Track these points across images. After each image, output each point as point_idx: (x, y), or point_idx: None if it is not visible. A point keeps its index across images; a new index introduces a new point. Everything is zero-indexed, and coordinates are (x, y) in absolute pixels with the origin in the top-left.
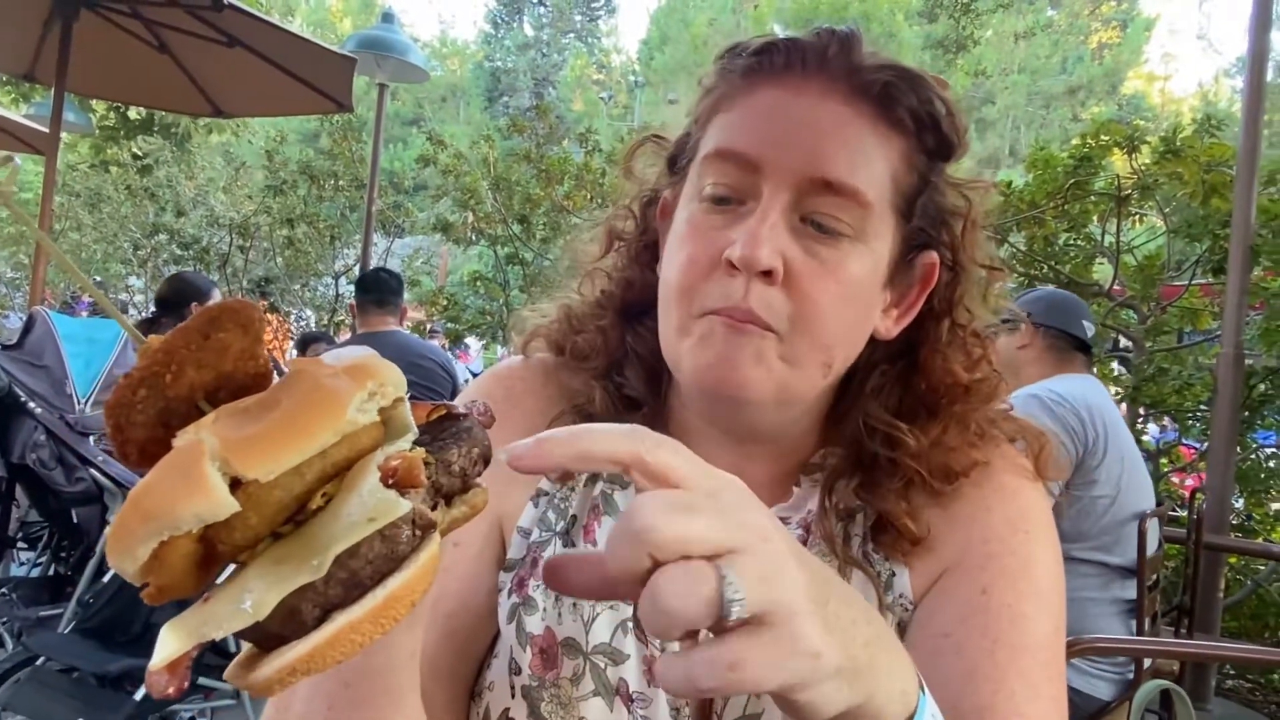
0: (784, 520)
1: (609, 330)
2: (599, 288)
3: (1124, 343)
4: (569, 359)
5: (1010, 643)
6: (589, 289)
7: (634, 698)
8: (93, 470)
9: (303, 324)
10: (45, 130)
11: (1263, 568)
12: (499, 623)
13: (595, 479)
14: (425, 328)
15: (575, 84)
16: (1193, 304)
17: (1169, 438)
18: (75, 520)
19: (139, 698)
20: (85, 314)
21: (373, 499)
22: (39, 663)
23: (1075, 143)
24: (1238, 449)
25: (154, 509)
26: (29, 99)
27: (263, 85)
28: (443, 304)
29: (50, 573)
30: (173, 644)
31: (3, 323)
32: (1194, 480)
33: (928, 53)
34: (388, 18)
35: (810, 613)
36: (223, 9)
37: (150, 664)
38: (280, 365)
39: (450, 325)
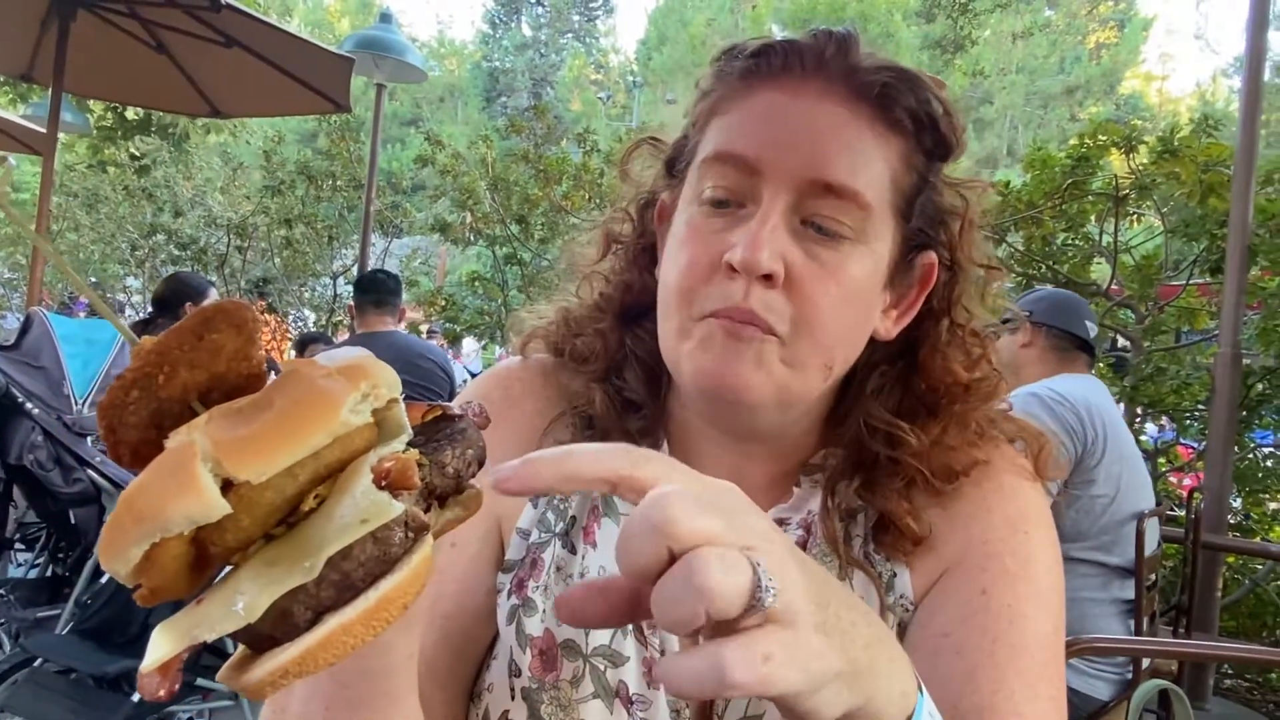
0: (784, 521)
1: (608, 333)
2: (597, 290)
3: (1122, 342)
4: (568, 361)
5: (1009, 643)
6: (587, 291)
7: (634, 700)
8: (90, 471)
9: (301, 325)
10: (43, 130)
11: (1260, 567)
12: (498, 624)
13: None
14: (420, 328)
15: (573, 84)
16: (1190, 303)
17: (1167, 437)
18: (73, 521)
19: (137, 699)
20: (83, 315)
21: (365, 501)
22: (37, 664)
23: (1073, 143)
24: (1235, 448)
25: (145, 511)
26: (26, 99)
27: (260, 85)
28: (441, 304)
29: (48, 574)
30: (164, 646)
31: (0, 323)
32: (1192, 480)
33: (925, 53)
34: (385, 18)
35: (812, 614)
36: (220, 9)
37: (142, 666)
38: (277, 366)
39: (448, 325)
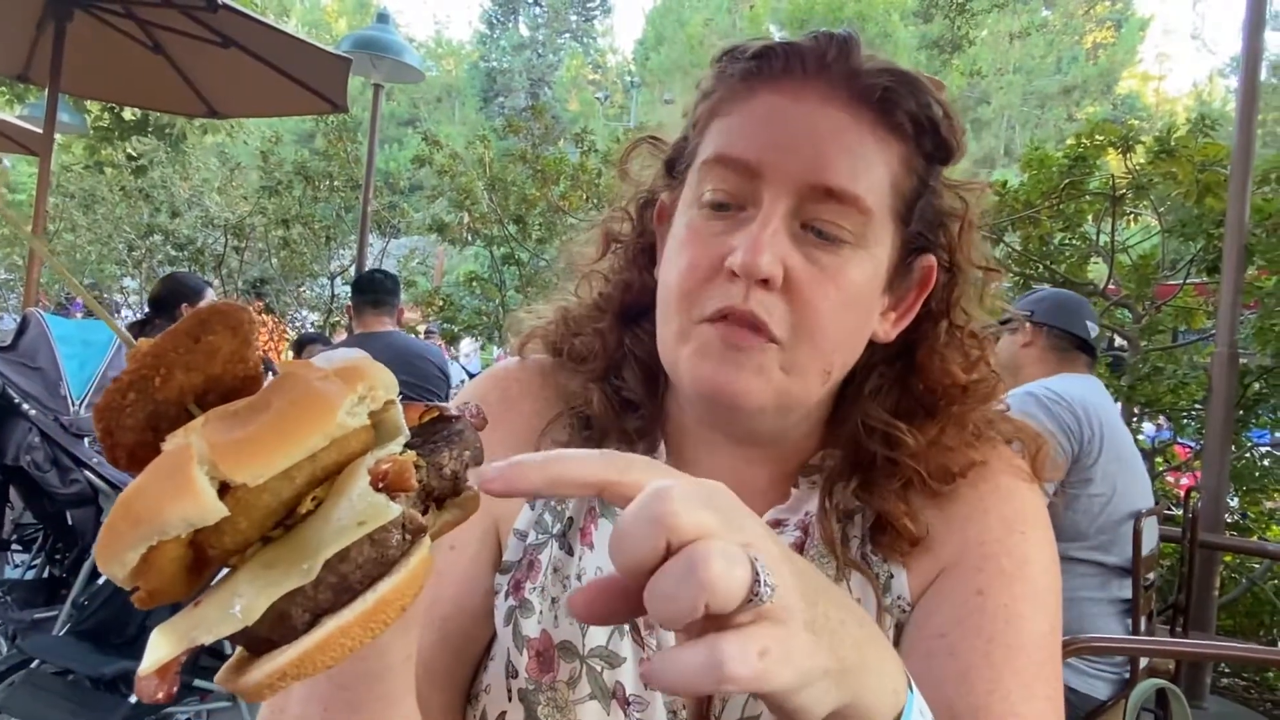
0: (781, 522)
1: (607, 333)
2: (596, 289)
3: (1119, 342)
4: (566, 361)
5: (1006, 643)
6: (586, 290)
7: (630, 701)
8: (87, 472)
9: (299, 325)
10: (39, 131)
11: (1257, 566)
12: (495, 625)
13: None
14: (418, 328)
15: (571, 84)
16: (1187, 303)
17: (1164, 437)
18: (70, 522)
19: (134, 700)
20: (79, 316)
21: (362, 503)
22: (34, 665)
23: (1070, 142)
24: (1232, 448)
25: (142, 513)
26: (23, 100)
27: (258, 86)
28: (439, 304)
29: (45, 575)
30: (162, 649)
31: None
32: (1189, 479)
33: (923, 53)
34: (383, 18)
35: (802, 611)
36: (217, 9)
37: (140, 669)
38: (274, 367)
39: (446, 326)
